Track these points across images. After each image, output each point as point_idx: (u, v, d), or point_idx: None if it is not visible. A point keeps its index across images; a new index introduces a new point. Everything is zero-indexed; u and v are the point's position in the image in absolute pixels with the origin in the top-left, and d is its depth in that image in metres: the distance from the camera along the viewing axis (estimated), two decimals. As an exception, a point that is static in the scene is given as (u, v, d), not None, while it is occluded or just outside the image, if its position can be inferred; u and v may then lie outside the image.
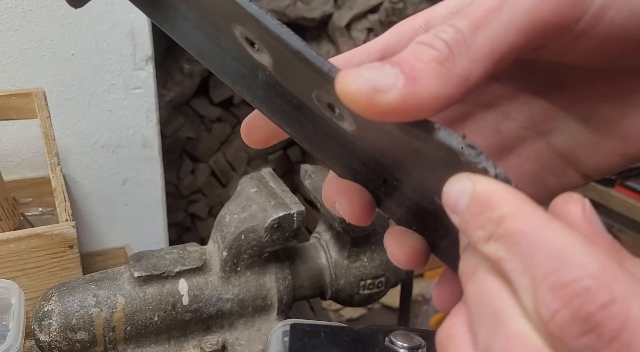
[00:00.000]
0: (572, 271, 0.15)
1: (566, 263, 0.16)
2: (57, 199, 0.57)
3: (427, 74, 0.18)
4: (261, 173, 0.56)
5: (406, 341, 0.37)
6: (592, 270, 0.15)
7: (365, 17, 1.72)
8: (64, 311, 0.46)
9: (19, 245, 0.51)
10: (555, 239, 0.16)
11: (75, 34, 0.95)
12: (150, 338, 0.49)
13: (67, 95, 0.98)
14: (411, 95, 0.18)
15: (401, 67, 0.18)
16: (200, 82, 1.78)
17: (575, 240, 0.16)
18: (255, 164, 1.96)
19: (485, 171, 0.19)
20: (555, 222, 0.17)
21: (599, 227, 0.18)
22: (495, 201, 0.18)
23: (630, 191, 1.29)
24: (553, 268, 0.16)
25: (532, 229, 0.17)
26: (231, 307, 0.51)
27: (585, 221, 0.18)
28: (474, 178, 0.19)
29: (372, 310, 1.80)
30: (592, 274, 0.15)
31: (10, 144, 0.97)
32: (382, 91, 0.18)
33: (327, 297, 0.58)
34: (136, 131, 1.06)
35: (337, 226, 0.53)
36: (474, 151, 0.19)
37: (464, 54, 0.19)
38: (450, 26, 0.19)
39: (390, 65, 0.18)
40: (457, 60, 0.18)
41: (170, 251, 0.51)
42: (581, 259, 0.16)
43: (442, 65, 0.18)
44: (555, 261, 0.16)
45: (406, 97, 0.18)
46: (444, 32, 0.19)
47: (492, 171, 0.19)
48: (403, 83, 0.18)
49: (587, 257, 0.16)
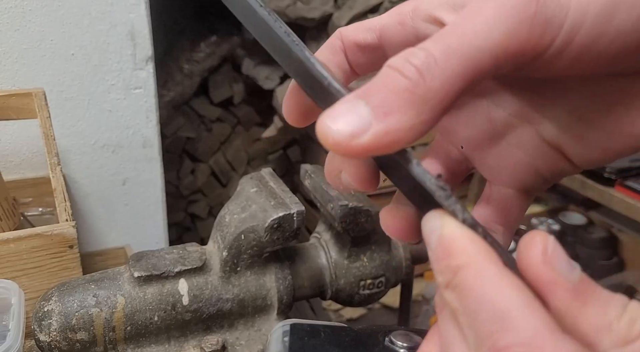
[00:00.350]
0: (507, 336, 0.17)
1: (504, 326, 0.17)
2: (57, 199, 0.57)
3: (399, 105, 0.19)
4: (261, 173, 0.56)
5: (406, 341, 0.37)
6: (524, 337, 0.17)
7: (365, 17, 1.72)
8: (64, 311, 0.46)
9: (19, 245, 0.51)
10: (499, 299, 0.18)
11: (75, 34, 0.95)
12: (150, 338, 0.49)
13: (67, 95, 0.98)
14: (386, 132, 0.18)
15: (373, 102, 0.19)
16: (200, 82, 1.78)
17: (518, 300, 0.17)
18: (255, 164, 1.96)
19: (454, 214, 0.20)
20: (506, 279, 0.18)
21: (561, 270, 0.19)
22: (456, 249, 0.19)
23: (630, 191, 1.29)
24: (493, 330, 0.17)
25: (480, 286, 0.18)
26: (231, 307, 0.51)
27: (544, 267, 0.19)
28: (444, 220, 0.20)
29: (372, 310, 1.80)
30: (524, 341, 0.17)
31: (10, 144, 0.97)
32: (357, 136, 0.18)
33: (327, 297, 0.58)
34: (136, 131, 1.06)
35: (337, 226, 0.53)
36: (444, 193, 0.20)
37: (436, 75, 0.19)
38: (422, 50, 0.19)
39: (364, 102, 0.19)
40: (428, 84, 0.19)
41: (170, 251, 0.51)
42: (517, 324, 0.17)
43: (413, 93, 0.19)
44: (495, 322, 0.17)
45: (381, 135, 0.18)
46: (414, 56, 0.19)
47: (460, 216, 0.20)
48: (376, 122, 0.18)
49: (523, 321, 0.17)
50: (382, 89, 0.19)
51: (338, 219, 0.52)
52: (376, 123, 0.18)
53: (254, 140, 1.94)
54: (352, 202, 0.51)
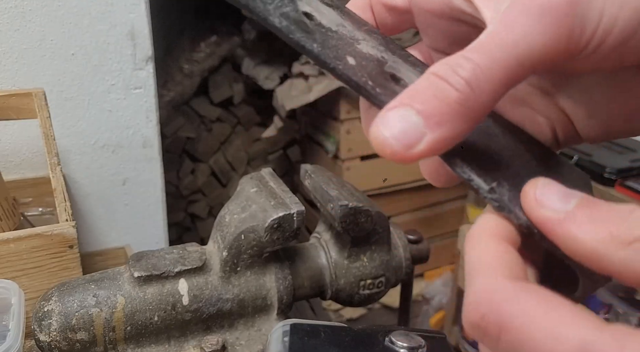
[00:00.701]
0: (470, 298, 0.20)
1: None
2: (57, 199, 0.57)
3: (451, 117, 0.20)
4: (261, 173, 0.56)
5: (406, 341, 0.37)
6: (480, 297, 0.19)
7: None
8: (64, 311, 0.46)
9: (19, 245, 0.51)
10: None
11: (75, 34, 0.95)
12: (150, 338, 0.49)
13: (67, 95, 0.98)
14: (439, 141, 0.20)
15: (424, 113, 0.20)
16: (200, 82, 1.78)
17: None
18: (255, 164, 1.96)
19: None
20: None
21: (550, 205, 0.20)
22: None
23: (630, 191, 1.29)
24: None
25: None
26: (231, 307, 0.51)
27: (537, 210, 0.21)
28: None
29: (372, 310, 1.80)
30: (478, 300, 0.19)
31: (10, 144, 0.97)
32: (413, 146, 0.20)
33: (327, 297, 0.58)
34: (136, 131, 1.06)
35: (337, 226, 0.53)
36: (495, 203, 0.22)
37: (483, 88, 0.20)
38: (467, 60, 0.20)
39: (414, 113, 0.20)
40: (477, 96, 0.20)
41: (170, 251, 0.51)
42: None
43: (463, 106, 0.20)
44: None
45: (435, 144, 0.20)
46: (461, 67, 0.20)
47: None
48: (430, 132, 0.20)
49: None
50: (432, 99, 0.20)
51: (338, 219, 0.52)
52: (430, 133, 0.20)
53: (254, 140, 1.94)
54: (352, 202, 0.51)
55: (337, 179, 0.56)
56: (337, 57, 0.24)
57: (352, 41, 0.26)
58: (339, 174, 1.60)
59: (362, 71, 0.24)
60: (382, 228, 0.56)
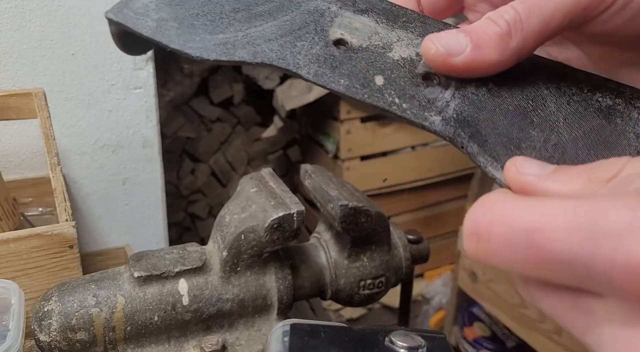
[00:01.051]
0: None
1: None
2: (57, 199, 0.57)
3: (489, 44, 0.25)
4: (261, 173, 0.56)
5: (406, 341, 0.37)
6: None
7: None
8: (64, 311, 0.46)
9: (19, 245, 0.51)
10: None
11: (75, 34, 0.95)
12: (150, 338, 0.49)
13: (67, 95, 0.98)
14: (475, 59, 0.25)
15: (471, 36, 0.25)
16: (200, 82, 1.78)
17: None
18: (255, 164, 1.95)
19: None
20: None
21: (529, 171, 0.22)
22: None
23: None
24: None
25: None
26: (231, 307, 0.51)
27: (518, 177, 0.22)
28: None
29: (372, 310, 1.80)
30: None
31: (10, 144, 0.97)
32: (454, 55, 0.25)
33: (327, 297, 0.58)
34: (136, 131, 1.06)
35: (337, 226, 0.53)
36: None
37: (519, 32, 0.25)
38: (511, 8, 0.25)
39: (464, 35, 0.25)
40: (513, 37, 0.25)
41: (170, 251, 0.51)
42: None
43: (501, 39, 0.25)
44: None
45: (472, 60, 0.25)
46: (506, 12, 0.25)
47: None
48: (470, 49, 0.25)
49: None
50: (479, 30, 0.25)
51: (338, 219, 0.52)
52: (470, 50, 0.25)
53: (254, 140, 1.94)
54: (352, 202, 0.51)
55: (337, 179, 0.56)
56: (364, 83, 0.26)
57: (384, 50, 0.27)
58: (339, 174, 1.60)
59: (390, 89, 0.26)
60: (382, 228, 0.56)
